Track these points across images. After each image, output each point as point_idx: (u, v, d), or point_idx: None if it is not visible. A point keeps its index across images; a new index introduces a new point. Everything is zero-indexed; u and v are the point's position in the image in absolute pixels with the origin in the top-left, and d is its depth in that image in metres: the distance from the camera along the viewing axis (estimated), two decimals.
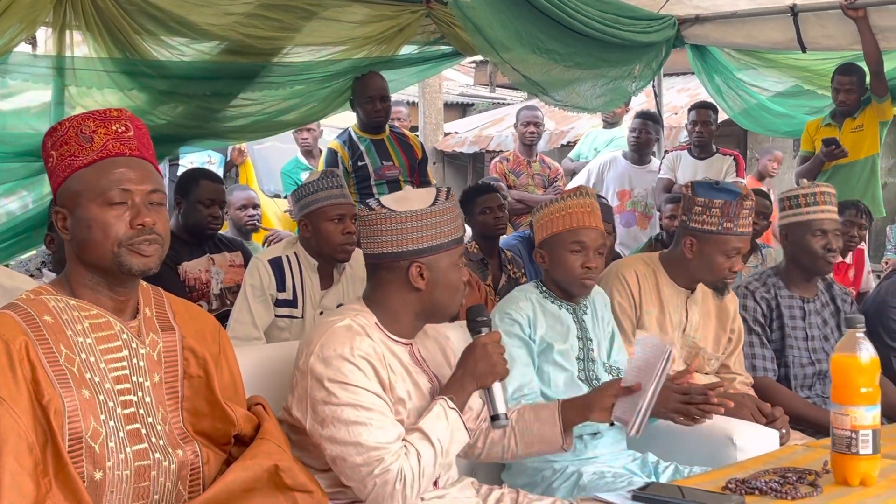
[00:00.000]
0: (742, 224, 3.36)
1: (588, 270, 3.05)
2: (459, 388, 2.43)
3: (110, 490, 1.92)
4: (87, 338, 1.97)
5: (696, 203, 3.39)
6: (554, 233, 3.09)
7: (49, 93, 4.88)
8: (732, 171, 6.78)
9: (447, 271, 2.46)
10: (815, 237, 3.78)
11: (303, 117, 5.67)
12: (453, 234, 2.48)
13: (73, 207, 1.99)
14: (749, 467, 2.47)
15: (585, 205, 3.09)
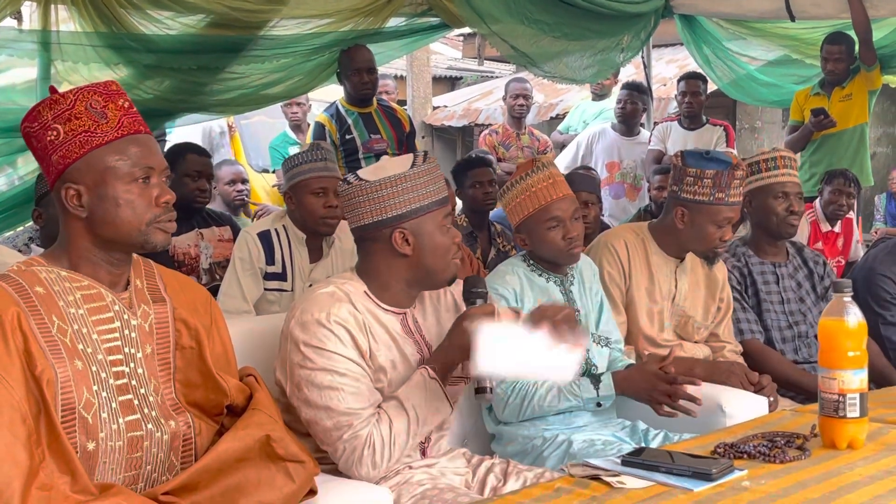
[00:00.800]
0: (733, 194, 3.37)
1: (571, 241, 3.06)
2: (444, 357, 2.42)
3: (103, 460, 1.94)
4: (78, 309, 1.98)
5: (688, 174, 3.40)
6: (526, 215, 3.10)
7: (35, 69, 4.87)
8: (723, 141, 6.79)
9: (433, 234, 2.46)
10: (778, 199, 3.80)
11: (289, 90, 5.66)
12: (434, 196, 2.47)
13: (96, 185, 1.99)
14: (738, 432, 2.49)
15: (546, 177, 3.09)
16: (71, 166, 2.00)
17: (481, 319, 2.34)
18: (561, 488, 2.07)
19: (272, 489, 2.03)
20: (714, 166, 3.36)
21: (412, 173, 2.45)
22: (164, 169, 2.07)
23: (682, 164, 3.43)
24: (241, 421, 2.10)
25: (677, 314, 3.55)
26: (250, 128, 8.10)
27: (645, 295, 3.48)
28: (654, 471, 2.12)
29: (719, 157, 3.40)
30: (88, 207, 2.01)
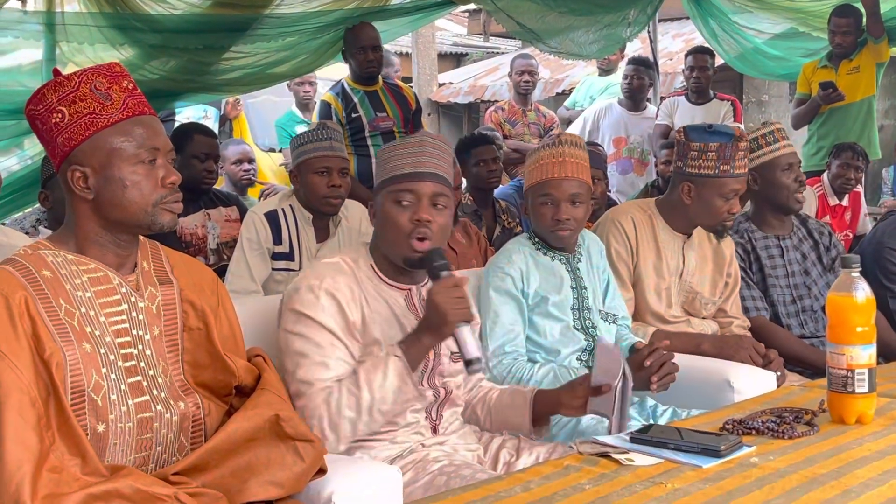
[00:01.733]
0: (738, 166, 3.36)
1: (558, 223, 3.05)
2: (414, 339, 2.38)
3: (113, 442, 1.94)
4: (86, 292, 1.98)
5: (692, 148, 3.38)
6: (530, 185, 3.11)
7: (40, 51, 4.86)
8: (730, 115, 6.76)
9: (384, 208, 2.47)
10: (785, 172, 3.78)
11: (295, 69, 5.65)
12: (392, 172, 2.48)
13: (102, 167, 1.99)
14: (746, 408, 2.49)
15: (556, 155, 3.07)
16: (76, 148, 1.99)
17: (450, 292, 2.32)
18: (570, 466, 2.07)
19: (282, 468, 2.04)
20: (717, 139, 3.34)
21: (386, 148, 2.51)
22: (169, 150, 2.07)
23: (685, 140, 3.41)
24: (249, 401, 2.10)
25: (685, 290, 3.54)
26: (256, 107, 8.09)
27: (653, 271, 3.48)
28: (663, 448, 2.13)
29: (722, 129, 3.39)
30: (95, 189, 2.00)
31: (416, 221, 2.44)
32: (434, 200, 2.47)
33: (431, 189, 2.47)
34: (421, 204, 2.45)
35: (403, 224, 2.44)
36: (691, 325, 3.51)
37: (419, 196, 2.45)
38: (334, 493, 2.11)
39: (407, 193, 2.45)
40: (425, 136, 2.53)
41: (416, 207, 2.45)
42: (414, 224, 2.44)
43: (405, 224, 2.44)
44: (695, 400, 3.04)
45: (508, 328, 3.03)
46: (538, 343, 3.07)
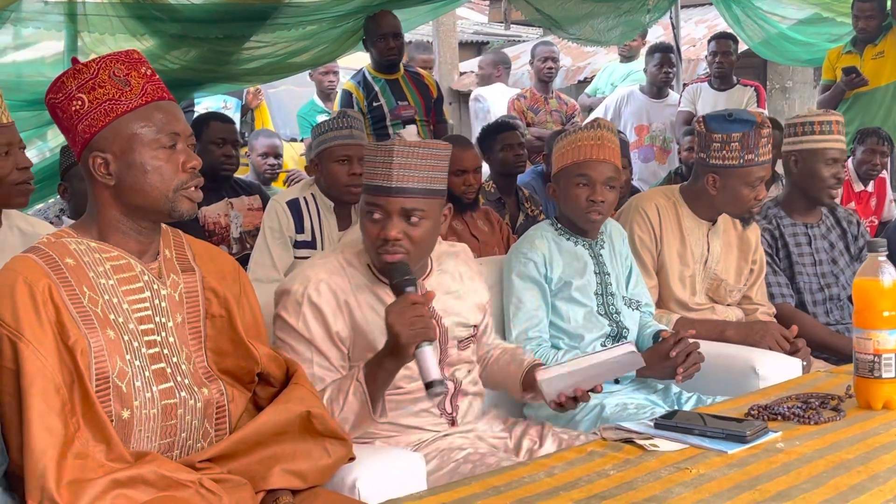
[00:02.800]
0: (762, 153, 3.33)
1: (593, 204, 3.02)
2: (377, 363, 2.30)
3: (138, 428, 1.95)
4: (108, 279, 1.98)
5: (714, 139, 3.35)
6: (563, 166, 3.08)
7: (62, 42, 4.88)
8: (753, 101, 6.71)
9: (361, 214, 2.43)
10: (828, 165, 3.75)
11: (315, 58, 5.65)
12: (366, 180, 2.42)
13: (122, 152, 1.99)
14: (772, 394, 2.48)
15: (595, 137, 3.05)
16: (97, 135, 2.00)
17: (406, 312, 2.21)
18: (594, 452, 2.07)
19: (308, 460, 2.06)
20: (740, 128, 3.31)
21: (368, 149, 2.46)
22: (189, 135, 2.07)
23: (706, 131, 3.38)
24: (282, 395, 2.12)
25: (710, 277, 3.52)
26: (277, 97, 8.09)
27: (677, 259, 3.46)
28: (688, 433, 2.12)
29: (742, 116, 3.35)
30: (116, 175, 2.01)
31: (382, 239, 2.36)
32: (406, 214, 2.37)
33: (400, 205, 2.36)
34: (390, 220, 2.36)
35: (373, 238, 2.39)
36: (716, 312, 3.49)
37: (387, 212, 2.37)
38: (358, 479, 2.12)
39: (375, 208, 2.38)
40: (397, 143, 2.38)
41: (384, 223, 2.37)
42: (381, 240, 2.36)
43: (374, 238, 2.38)
44: (720, 386, 3.03)
45: (532, 314, 3.02)
46: (562, 328, 3.07)
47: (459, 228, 4.46)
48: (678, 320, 3.37)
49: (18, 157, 2.69)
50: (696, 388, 3.04)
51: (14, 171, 2.67)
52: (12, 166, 2.66)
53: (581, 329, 3.06)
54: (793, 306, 3.74)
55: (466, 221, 4.50)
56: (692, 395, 3.02)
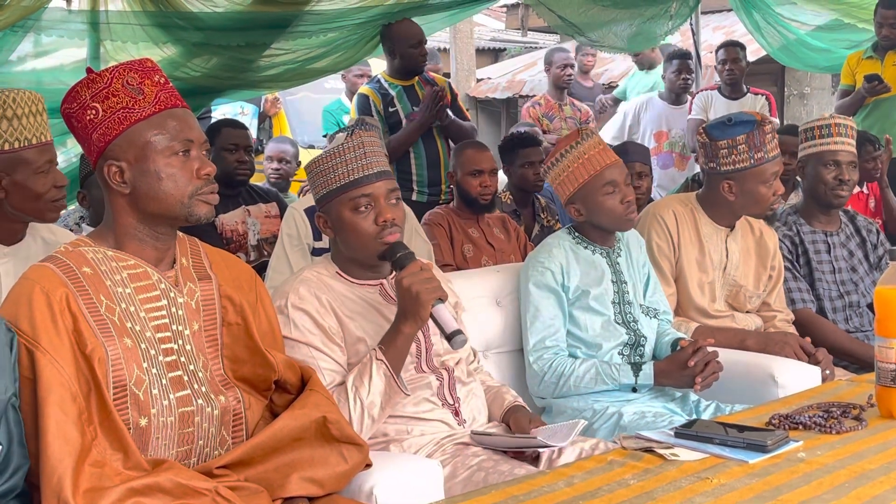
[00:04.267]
0: (770, 148, 3.32)
1: (629, 205, 3.03)
2: (394, 333, 2.39)
3: (156, 436, 1.95)
4: (125, 288, 1.99)
5: (720, 147, 3.33)
6: (581, 183, 3.05)
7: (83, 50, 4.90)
8: (766, 110, 6.65)
9: (342, 217, 2.46)
10: (828, 168, 3.75)
11: (334, 64, 5.65)
12: (340, 180, 2.46)
13: (137, 160, 2.00)
14: (792, 403, 2.45)
15: (596, 144, 3.06)
16: (111, 143, 2.00)
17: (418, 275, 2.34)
18: (614, 461, 2.05)
19: (325, 467, 2.05)
20: (742, 130, 3.31)
21: (323, 157, 2.49)
22: (203, 142, 2.07)
23: (710, 140, 3.36)
24: (298, 401, 2.12)
25: (729, 284, 3.50)
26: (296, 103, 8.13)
27: (695, 265, 3.44)
28: (708, 443, 2.10)
29: (741, 118, 3.35)
30: (131, 183, 2.01)
31: (382, 223, 2.45)
32: (389, 197, 2.47)
33: (385, 187, 2.47)
34: (380, 205, 2.45)
35: (369, 228, 2.45)
36: (735, 319, 3.47)
37: (376, 197, 2.46)
38: (375, 487, 2.11)
39: (363, 198, 2.45)
40: (363, 135, 2.50)
41: (377, 209, 2.45)
42: (381, 226, 2.45)
43: (371, 228, 2.45)
44: (738, 395, 3.01)
45: (549, 322, 3.01)
46: (579, 337, 3.05)
47: (475, 236, 4.45)
48: (697, 329, 3.34)
49: (56, 175, 2.69)
50: (715, 396, 3.02)
51: (52, 189, 2.67)
52: (51, 183, 2.66)
53: (598, 338, 3.04)
54: (813, 312, 3.71)
55: (483, 229, 4.49)
56: (711, 403, 3.00)
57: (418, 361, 2.54)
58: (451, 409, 2.57)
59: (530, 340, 3.02)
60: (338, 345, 2.44)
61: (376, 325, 2.48)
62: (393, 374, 2.35)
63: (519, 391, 3.13)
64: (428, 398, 2.54)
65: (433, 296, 2.33)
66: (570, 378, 2.97)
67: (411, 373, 2.49)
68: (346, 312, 2.47)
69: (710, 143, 3.36)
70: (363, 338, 2.46)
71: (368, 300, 2.52)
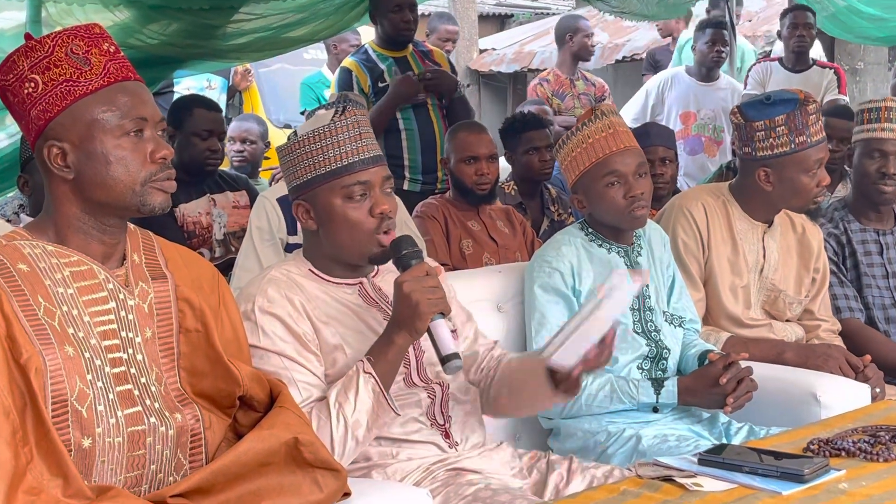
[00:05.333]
0: (814, 132, 3.31)
1: (633, 200, 3.02)
2: (385, 342, 2.38)
3: (101, 459, 1.95)
4: (67, 288, 1.98)
5: (756, 129, 3.34)
6: (582, 171, 3.07)
7: (23, 14, 4.89)
8: (834, 86, 6.66)
9: (329, 206, 2.45)
10: (872, 158, 3.76)
11: (313, 33, 5.65)
12: (331, 163, 2.45)
13: (82, 141, 2.00)
14: (835, 425, 2.46)
15: (605, 127, 3.05)
16: (53, 121, 2.00)
17: (421, 281, 2.32)
18: (627, 491, 2.06)
19: (296, 496, 2.04)
20: (782, 110, 3.30)
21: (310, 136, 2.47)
22: (159, 120, 2.07)
23: (745, 121, 3.37)
24: (265, 420, 2.11)
25: (766, 288, 3.51)
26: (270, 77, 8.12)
27: (728, 267, 3.44)
28: (737, 471, 2.12)
29: (782, 97, 3.35)
30: (75, 167, 2.01)
31: (379, 215, 2.44)
32: (384, 185, 2.48)
33: (380, 174, 2.47)
34: (376, 194, 2.46)
35: (364, 220, 2.44)
36: (773, 329, 3.47)
37: (372, 185, 2.45)
38: None
39: (358, 186, 2.44)
40: (357, 113, 2.50)
41: (372, 199, 2.45)
42: (378, 218, 2.44)
43: (366, 220, 2.45)
44: (775, 416, 3.02)
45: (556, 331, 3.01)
46: None
47: (476, 229, 4.46)
48: (728, 339, 3.35)
49: None
50: (748, 417, 3.03)
51: None
52: None
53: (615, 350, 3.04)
54: (862, 322, 3.72)
55: (484, 221, 4.49)
56: (743, 426, 3.01)
57: (407, 373, 2.53)
58: (441, 430, 2.57)
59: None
60: (314, 354, 2.44)
61: (355, 331, 2.48)
62: (383, 391, 2.35)
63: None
64: (416, 417, 2.54)
65: (434, 309, 2.32)
66: (582, 395, 2.97)
67: (399, 386, 2.49)
68: (320, 317, 2.47)
69: (745, 125, 3.36)
70: (340, 345, 2.46)
71: (346, 302, 2.52)
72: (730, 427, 3.04)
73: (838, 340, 3.57)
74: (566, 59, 7.02)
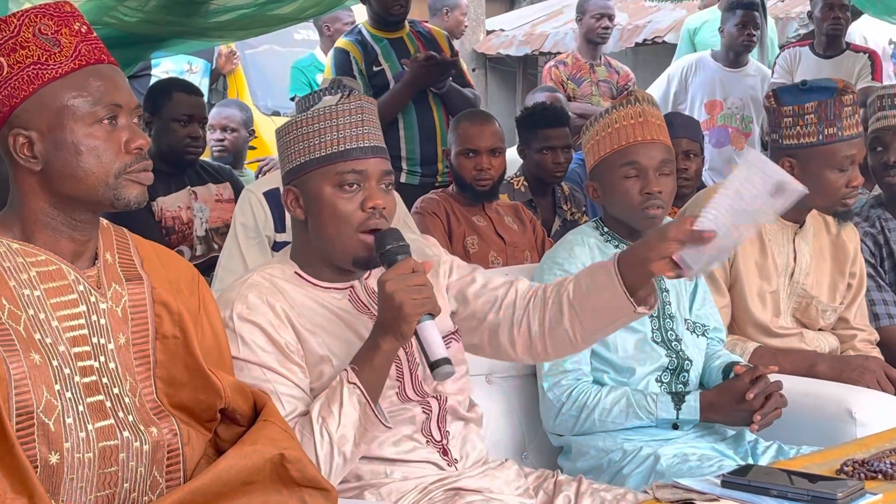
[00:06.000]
0: (847, 125, 3.32)
1: (649, 197, 3.02)
2: (370, 349, 2.38)
3: (70, 477, 1.95)
4: (34, 290, 1.99)
5: (784, 114, 3.34)
6: (602, 156, 3.07)
7: None
8: (867, 72, 6.64)
9: (320, 193, 2.46)
10: (874, 152, 3.78)
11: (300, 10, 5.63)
12: (326, 147, 2.46)
13: (50, 129, 2.00)
14: (871, 445, 2.47)
15: (635, 114, 3.06)
16: (19, 107, 2.00)
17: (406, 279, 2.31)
18: None
19: None
20: (815, 97, 3.30)
21: (309, 117, 2.48)
22: (134, 107, 2.08)
23: (776, 104, 3.37)
24: (248, 435, 2.11)
25: (797, 294, 3.51)
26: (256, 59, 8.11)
27: (755, 271, 3.45)
28: (763, 494, 2.13)
29: (821, 84, 3.36)
30: (43, 158, 2.01)
31: (369, 210, 2.44)
32: (382, 180, 2.48)
33: (379, 168, 2.48)
34: (371, 187, 2.46)
35: (352, 213, 2.44)
36: (805, 339, 3.48)
37: (367, 177, 2.46)
38: None
39: (351, 174, 2.45)
40: (362, 100, 2.52)
41: (366, 191, 2.45)
42: (368, 213, 2.44)
43: (354, 213, 2.44)
44: (806, 434, 3.03)
45: None
46: (607, 359, 3.07)
47: (481, 225, 4.46)
48: (756, 350, 3.35)
49: None
50: (777, 435, 3.03)
51: None
52: None
53: (631, 360, 3.05)
54: None
55: (490, 217, 4.50)
56: (771, 444, 3.02)
57: (401, 386, 2.53)
58: (438, 447, 2.57)
59: (545, 363, 3.02)
60: (298, 364, 2.44)
61: (344, 342, 2.48)
62: (369, 401, 2.35)
63: (530, 425, 3.15)
64: (410, 435, 2.54)
65: (421, 310, 2.31)
66: (595, 410, 2.98)
67: (392, 401, 2.49)
68: (305, 325, 2.47)
69: (775, 109, 3.37)
70: (327, 356, 2.46)
71: (334, 309, 2.52)
72: (756, 446, 3.04)
73: (876, 351, 3.58)
74: (582, 42, 7.03)
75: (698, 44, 7.73)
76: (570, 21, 9.65)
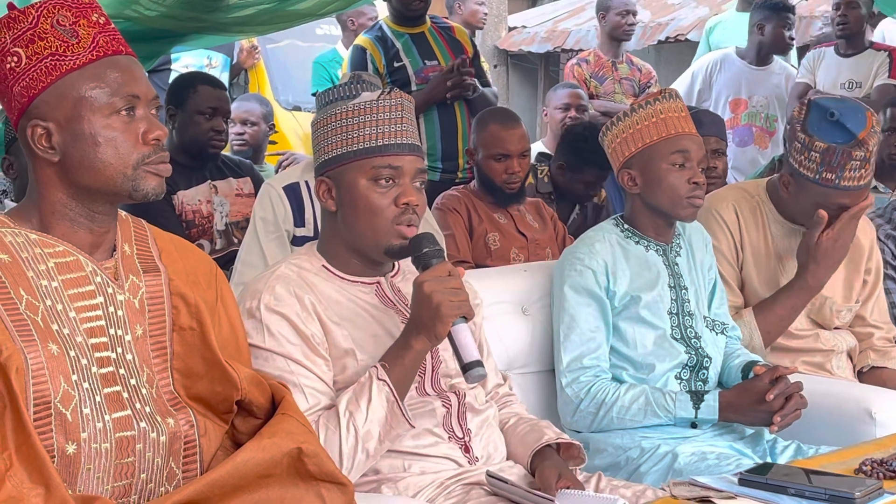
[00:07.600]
0: (847, 177, 3.24)
1: (696, 187, 3.04)
2: (402, 347, 2.41)
3: (86, 467, 1.96)
4: (51, 281, 2.00)
5: (797, 137, 3.31)
6: (647, 143, 3.06)
7: None
8: (885, 70, 6.60)
9: (354, 186, 2.48)
10: None
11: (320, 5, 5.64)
12: (363, 141, 2.48)
13: (68, 120, 2.01)
14: (890, 445, 2.47)
15: (679, 108, 3.09)
16: (37, 98, 2.01)
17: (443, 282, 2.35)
18: None
19: None
20: (828, 139, 3.23)
21: (347, 110, 2.50)
22: (152, 98, 2.08)
23: (799, 120, 3.32)
24: (266, 428, 2.12)
25: None
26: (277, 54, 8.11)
27: (765, 273, 3.44)
28: (781, 493, 2.13)
29: (847, 122, 3.23)
30: (61, 149, 2.02)
31: (403, 205, 2.48)
32: (416, 178, 2.51)
33: (415, 165, 2.51)
34: (405, 183, 2.49)
35: (386, 207, 2.47)
36: (820, 339, 3.47)
37: (402, 173, 2.49)
38: None
39: (386, 169, 2.48)
40: (403, 97, 2.55)
41: (400, 188, 2.49)
42: (401, 208, 2.48)
43: (388, 208, 2.47)
44: (825, 434, 3.02)
45: (588, 336, 3.02)
46: (626, 356, 3.07)
47: (503, 222, 4.47)
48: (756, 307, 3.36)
49: None
50: (796, 435, 3.03)
51: None
52: None
53: (651, 357, 3.05)
54: None
55: (512, 214, 4.50)
56: (790, 444, 3.01)
57: (421, 382, 2.55)
58: (461, 444, 2.58)
59: (564, 358, 3.03)
60: (323, 358, 2.45)
61: (370, 335, 2.50)
62: (398, 400, 2.36)
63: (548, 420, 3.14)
64: (431, 429, 2.55)
65: (457, 312, 2.34)
66: (613, 407, 2.98)
67: (412, 396, 2.50)
68: (332, 318, 2.48)
69: (797, 124, 3.33)
70: (352, 349, 2.48)
71: (361, 303, 2.54)
72: (775, 445, 3.04)
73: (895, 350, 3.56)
74: (605, 40, 7.02)
75: (713, 43, 7.71)
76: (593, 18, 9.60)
